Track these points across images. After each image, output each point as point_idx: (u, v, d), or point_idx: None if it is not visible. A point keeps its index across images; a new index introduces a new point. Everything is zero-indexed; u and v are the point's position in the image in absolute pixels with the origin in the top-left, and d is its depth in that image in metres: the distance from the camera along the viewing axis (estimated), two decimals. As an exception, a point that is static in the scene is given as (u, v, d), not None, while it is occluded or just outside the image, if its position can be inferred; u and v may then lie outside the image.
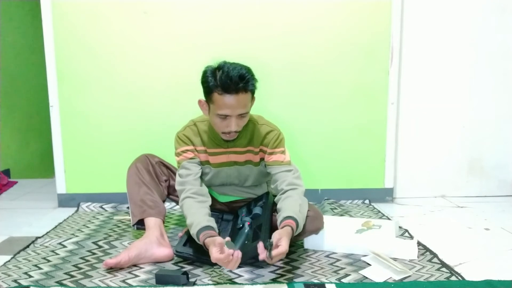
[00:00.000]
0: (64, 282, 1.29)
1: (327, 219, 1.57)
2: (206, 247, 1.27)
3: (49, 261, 1.45)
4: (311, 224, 1.45)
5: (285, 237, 1.22)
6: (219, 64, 1.37)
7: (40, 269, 1.38)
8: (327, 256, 1.50)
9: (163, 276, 1.29)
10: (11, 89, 3.12)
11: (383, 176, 2.28)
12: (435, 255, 1.48)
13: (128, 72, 2.14)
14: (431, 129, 2.33)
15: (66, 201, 2.21)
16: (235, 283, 1.28)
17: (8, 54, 3.08)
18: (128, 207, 1.65)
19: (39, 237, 1.69)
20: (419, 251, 1.50)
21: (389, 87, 2.20)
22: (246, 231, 1.42)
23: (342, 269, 1.38)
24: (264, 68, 2.08)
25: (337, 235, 1.54)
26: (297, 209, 1.34)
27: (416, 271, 1.35)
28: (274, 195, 1.51)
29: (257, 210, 1.49)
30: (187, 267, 1.39)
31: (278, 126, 1.54)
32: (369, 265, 1.41)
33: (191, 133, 1.51)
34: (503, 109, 2.34)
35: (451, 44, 2.26)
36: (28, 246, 1.59)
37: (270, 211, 1.48)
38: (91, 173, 2.21)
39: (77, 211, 2.13)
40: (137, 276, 1.33)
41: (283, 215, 1.32)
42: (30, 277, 1.32)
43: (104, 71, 2.14)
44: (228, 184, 1.58)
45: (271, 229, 1.39)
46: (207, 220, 1.34)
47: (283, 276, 1.32)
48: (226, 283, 1.28)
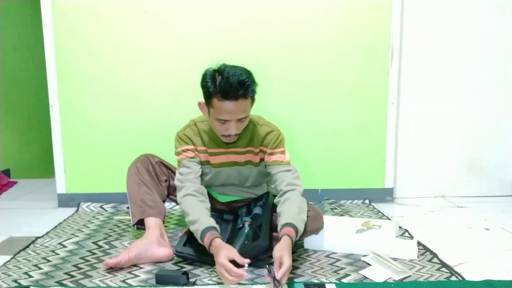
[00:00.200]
0: (64, 282, 1.29)
1: (327, 219, 1.57)
2: (208, 247, 1.27)
3: (49, 261, 1.45)
4: (311, 224, 1.44)
5: (285, 251, 1.20)
6: (219, 67, 1.35)
7: (40, 269, 1.38)
8: (327, 256, 1.50)
9: (163, 276, 1.29)
10: (11, 89, 3.12)
11: (383, 176, 2.28)
12: (435, 255, 1.48)
13: (128, 72, 2.14)
14: (431, 129, 2.33)
15: (66, 201, 2.21)
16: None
17: (8, 54, 3.08)
18: (128, 207, 1.65)
19: (39, 237, 1.69)
20: (419, 251, 1.50)
21: (389, 87, 2.20)
22: (246, 231, 1.42)
23: (342, 269, 1.38)
24: (264, 68, 2.09)
25: (337, 235, 1.54)
26: (295, 212, 1.34)
27: (416, 271, 1.35)
28: (274, 195, 1.51)
29: (257, 210, 1.49)
30: (187, 267, 1.39)
31: (278, 126, 1.53)
32: (369, 265, 1.41)
33: (192, 133, 1.51)
34: (503, 109, 2.34)
35: (451, 44, 2.27)
36: (28, 246, 1.59)
37: (270, 211, 1.48)
38: (91, 173, 2.21)
39: (77, 211, 2.13)
40: (137, 276, 1.33)
41: (282, 222, 1.32)
42: (30, 277, 1.32)
43: (104, 71, 2.14)
44: (228, 184, 1.58)
45: (271, 229, 1.39)
46: (212, 220, 1.34)
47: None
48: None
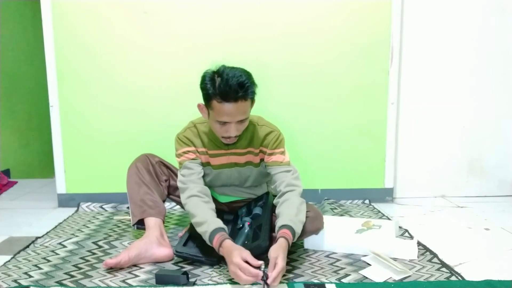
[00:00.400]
0: (64, 282, 1.29)
1: (327, 219, 1.57)
2: (218, 248, 1.27)
3: (49, 261, 1.45)
4: (311, 224, 1.45)
5: (280, 253, 1.20)
6: (218, 69, 1.35)
7: (40, 269, 1.38)
8: (327, 256, 1.50)
9: (163, 276, 1.29)
10: (11, 89, 3.12)
11: (383, 176, 2.28)
12: (435, 255, 1.48)
13: (128, 72, 2.14)
14: (431, 129, 2.33)
15: (66, 201, 2.21)
16: (235, 283, 1.27)
17: (8, 54, 3.08)
18: (128, 207, 1.65)
19: (39, 237, 1.69)
20: (419, 251, 1.50)
21: (389, 87, 2.20)
22: (246, 231, 1.42)
23: (342, 269, 1.38)
24: (264, 68, 2.09)
25: (337, 235, 1.54)
26: (293, 213, 1.33)
27: (416, 271, 1.35)
28: (274, 195, 1.51)
29: (257, 210, 1.49)
30: (187, 267, 1.39)
31: (278, 126, 1.53)
32: (369, 265, 1.41)
33: (192, 135, 1.51)
34: (503, 109, 2.34)
35: (451, 44, 2.27)
36: (28, 246, 1.59)
37: (270, 211, 1.48)
38: (91, 173, 2.21)
39: (77, 211, 2.13)
40: (137, 276, 1.33)
41: (279, 223, 1.32)
42: (30, 277, 1.32)
43: (104, 71, 2.14)
44: (228, 185, 1.58)
45: (271, 229, 1.39)
46: (219, 222, 1.34)
47: (283, 276, 1.32)
48: (226, 283, 1.28)
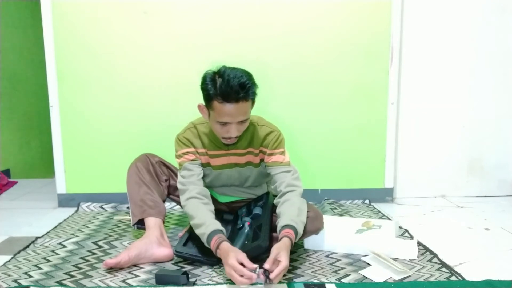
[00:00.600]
0: (64, 282, 1.29)
1: (327, 219, 1.57)
2: (215, 250, 1.27)
3: (49, 261, 1.45)
4: (311, 224, 1.44)
5: (283, 251, 1.20)
6: (219, 69, 1.35)
7: (40, 269, 1.38)
8: (327, 256, 1.50)
9: (163, 276, 1.29)
10: (11, 89, 3.12)
11: (383, 176, 2.28)
12: (435, 255, 1.48)
13: (128, 72, 2.14)
14: (431, 129, 2.33)
15: (66, 201, 2.21)
16: (235, 284, 1.27)
17: (8, 54, 3.08)
18: (128, 207, 1.65)
19: (39, 237, 1.69)
20: (419, 251, 1.50)
21: (389, 87, 2.20)
22: (246, 231, 1.42)
23: (342, 269, 1.38)
24: (264, 68, 2.09)
25: (337, 235, 1.54)
26: (295, 214, 1.33)
27: (416, 271, 1.35)
28: (274, 195, 1.51)
29: (257, 210, 1.49)
30: (187, 267, 1.39)
31: (278, 126, 1.53)
32: (369, 265, 1.41)
33: (192, 136, 1.51)
34: (503, 109, 2.34)
35: (451, 44, 2.27)
36: (28, 246, 1.59)
37: (270, 211, 1.48)
38: (91, 173, 2.21)
39: (77, 211, 2.13)
40: (137, 276, 1.33)
41: (282, 223, 1.31)
42: (30, 277, 1.32)
43: (104, 71, 2.14)
44: (228, 185, 1.58)
45: (271, 229, 1.39)
46: (218, 223, 1.34)
47: (283, 276, 1.32)
48: (226, 283, 1.28)
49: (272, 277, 1.16)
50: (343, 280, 1.30)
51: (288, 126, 1.94)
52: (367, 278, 1.31)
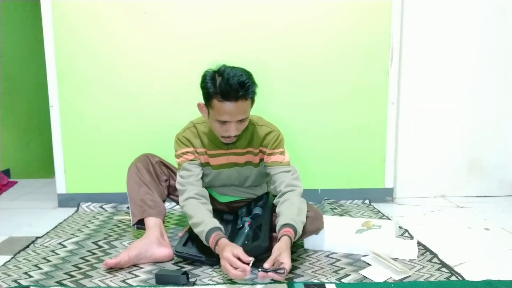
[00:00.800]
0: (64, 282, 1.29)
1: (327, 219, 1.57)
2: (214, 247, 1.27)
3: (49, 261, 1.45)
4: (311, 224, 1.44)
5: (285, 251, 1.21)
6: (218, 68, 1.35)
7: (40, 269, 1.38)
8: (327, 256, 1.50)
9: (163, 276, 1.29)
10: (11, 89, 3.12)
11: (383, 176, 2.28)
12: (435, 255, 1.48)
13: (128, 72, 2.14)
14: (431, 129, 2.33)
15: (66, 201, 2.21)
16: (235, 283, 1.28)
17: (8, 54, 3.08)
18: (128, 207, 1.65)
19: (39, 237, 1.69)
20: (419, 251, 1.50)
21: (389, 87, 2.20)
22: (246, 231, 1.42)
23: (342, 269, 1.38)
24: (264, 68, 2.09)
25: (337, 235, 1.54)
26: (294, 213, 1.33)
27: (416, 271, 1.35)
28: (274, 195, 1.51)
29: (257, 210, 1.49)
30: (187, 267, 1.39)
31: (278, 126, 1.53)
32: (369, 265, 1.41)
33: (191, 135, 1.51)
34: (503, 109, 2.34)
35: (451, 44, 2.27)
36: (28, 246, 1.59)
37: (270, 211, 1.48)
38: (91, 173, 2.21)
39: (77, 211, 2.13)
40: (137, 276, 1.33)
41: (281, 222, 1.32)
42: (30, 277, 1.32)
43: (104, 71, 2.14)
44: (228, 185, 1.58)
45: (271, 229, 1.39)
46: (216, 221, 1.35)
47: (283, 276, 1.32)
48: (226, 283, 1.28)
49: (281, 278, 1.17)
50: (343, 280, 1.30)
51: (288, 126, 1.94)
52: (367, 278, 1.31)
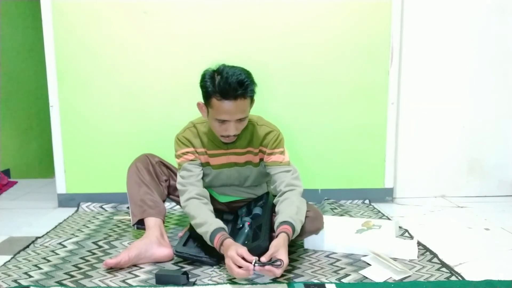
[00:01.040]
0: (64, 282, 1.29)
1: (327, 219, 1.57)
2: (219, 247, 1.27)
3: (49, 261, 1.45)
4: (311, 224, 1.45)
5: (282, 248, 1.21)
6: (218, 67, 1.35)
7: (40, 269, 1.38)
8: (327, 256, 1.50)
9: (163, 276, 1.29)
10: (11, 89, 3.12)
11: (383, 176, 2.28)
12: (435, 255, 1.48)
13: (128, 72, 2.14)
14: (431, 129, 2.33)
15: (66, 201, 2.21)
16: (235, 283, 1.28)
17: (8, 54, 3.08)
18: (128, 207, 1.65)
19: (39, 237, 1.69)
20: (419, 251, 1.50)
21: (389, 87, 2.20)
22: (246, 231, 1.42)
23: (342, 269, 1.38)
24: (264, 68, 2.09)
25: (337, 235, 1.54)
26: (294, 212, 1.34)
27: (416, 271, 1.35)
28: (274, 195, 1.51)
29: (257, 210, 1.49)
30: (187, 267, 1.39)
31: (278, 126, 1.53)
32: (369, 265, 1.41)
33: (191, 135, 1.51)
34: (503, 109, 2.34)
35: (451, 44, 2.26)
36: (28, 246, 1.59)
37: (270, 211, 1.47)
38: (91, 173, 2.21)
39: (77, 211, 2.13)
40: (137, 276, 1.33)
41: (279, 219, 1.32)
42: (30, 277, 1.32)
43: (104, 71, 2.14)
44: (228, 184, 1.58)
45: (271, 229, 1.39)
46: (220, 222, 1.35)
47: (283, 276, 1.32)
48: (226, 283, 1.28)
49: (278, 275, 1.17)
50: (343, 280, 1.30)
51: (288, 126, 1.94)
52: (367, 278, 1.31)
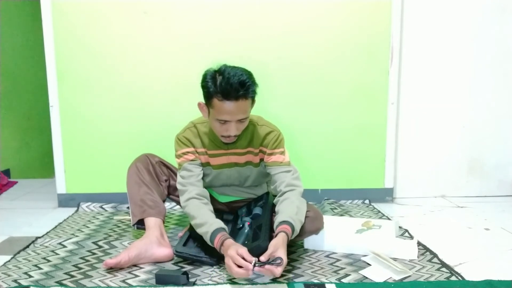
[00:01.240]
0: (64, 282, 1.29)
1: (327, 219, 1.57)
2: (219, 247, 1.27)
3: (49, 261, 1.45)
4: (311, 224, 1.45)
5: (281, 248, 1.21)
6: (219, 68, 1.35)
7: (40, 269, 1.38)
8: (327, 256, 1.50)
9: (163, 276, 1.29)
10: (11, 89, 3.12)
11: (383, 176, 2.28)
12: (435, 255, 1.48)
13: (128, 72, 2.14)
14: (431, 129, 2.33)
15: (66, 201, 2.21)
16: (235, 283, 1.28)
17: (8, 54, 3.08)
18: (128, 207, 1.65)
19: (39, 237, 1.69)
20: (419, 251, 1.50)
21: (389, 87, 2.20)
22: (246, 231, 1.42)
23: (342, 269, 1.38)
24: (264, 68, 2.09)
25: (337, 235, 1.54)
26: (293, 212, 1.34)
27: (416, 271, 1.35)
28: (274, 195, 1.51)
29: (257, 210, 1.49)
30: (187, 267, 1.39)
31: (278, 126, 1.53)
32: (369, 265, 1.41)
33: (191, 135, 1.51)
34: (503, 109, 2.34)
35: (451, 44, 2.26)
36: (28, 246, 1.59)
37: (270, 211, 1.47)
38: (91, 173, 2.21)
39: (77, 211, 2.13)
40: (137, 276, 1.33)
41: (279, 219, 1.32)
42: (30, 277, 1.32)
43: (104, 71, 2.14)
44: (228, 184, 1.58)
45: (271, 229, 1.39)
46: (220, 222, 1.35)
47: (283, 276, 1.32)
48: (226, 283, 1.28)
49: (277, 275, 1.17)
50: (343, 280, 1.30)
51: (288, 126, 1.94)
52: (367, 278, 1.31)
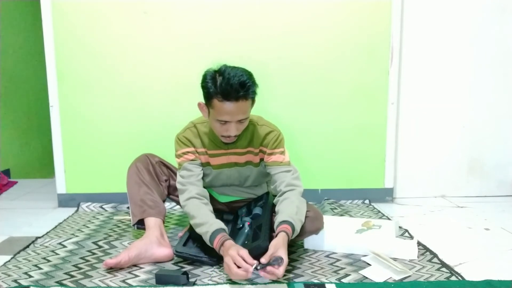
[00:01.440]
0: (64, 282, 1.29)
1: (327, 219, 1.57)
2: (219, 248, 1.27)
3: (49, 261, 1.45)
4: (311, 224, 1.45)
5: (282, 248, 1.21)
6: (219, 68, 1.35)
7: (40, 269, 1.38)
8: (327, 256, 1.50)
9: (163, 276, 1.29)
10: (11, 89, 3.12)
11: (383, 176, 2.28)
12: (435, 255, 1.48)
13: (128, 72, 2.14)
14: (431, 129, 2.33)
15: (66, 201, 2.21)
16: (235, 283, 1.28)
17: (8, 54, 3.08)
18: (128, 207, 1.65)
19: (39, 237, 1.69)
20: (419, 251, 1.50)
21: (389, 87, 2.20)
22: (246, 231, 1.42)
23: (342, 269, 1.38)
24: (264, 68, 2.09)
25: (337, 235, 1.54)
26: (293, 211, 1.34)
27: (416, 271, 1.35)
28: (274, 195, 1.51)
29: (257, 210, 1.49)
30: (187, 267, 1.39)
31: (278, 126, 1.53)
32: (369, 265, 1.41)
33: (191, 135, 1.51)
34: (503, 109, 2.34)
35: (451, 44, 2.26)
36: (28, 246, 1.59)
37: (270, 211, 1.47)
38: (91, 173, 2.21)
39: (77, 211, 2.13)
40: (137, 276, 1.33)
41: (279, 219, 1.32)
42: (30, 277, 1.32)
43: (104, 71, 2.14)
44: (228, 184, 1.58)
45: (271, 229, 1.39)
46: (220, 222, 1.35)
47: (283, 276, 1.32)
48: (226, 283, 1.28)
49: (279, 275, 1.17)
50: (343, 280, 1.30)
51: (288, 126, 1.93)
52: (367, 278, 1.31)
